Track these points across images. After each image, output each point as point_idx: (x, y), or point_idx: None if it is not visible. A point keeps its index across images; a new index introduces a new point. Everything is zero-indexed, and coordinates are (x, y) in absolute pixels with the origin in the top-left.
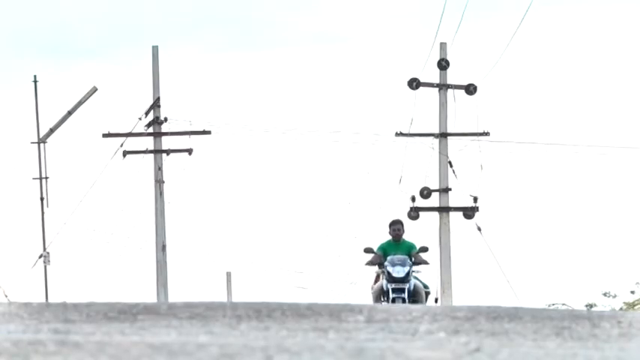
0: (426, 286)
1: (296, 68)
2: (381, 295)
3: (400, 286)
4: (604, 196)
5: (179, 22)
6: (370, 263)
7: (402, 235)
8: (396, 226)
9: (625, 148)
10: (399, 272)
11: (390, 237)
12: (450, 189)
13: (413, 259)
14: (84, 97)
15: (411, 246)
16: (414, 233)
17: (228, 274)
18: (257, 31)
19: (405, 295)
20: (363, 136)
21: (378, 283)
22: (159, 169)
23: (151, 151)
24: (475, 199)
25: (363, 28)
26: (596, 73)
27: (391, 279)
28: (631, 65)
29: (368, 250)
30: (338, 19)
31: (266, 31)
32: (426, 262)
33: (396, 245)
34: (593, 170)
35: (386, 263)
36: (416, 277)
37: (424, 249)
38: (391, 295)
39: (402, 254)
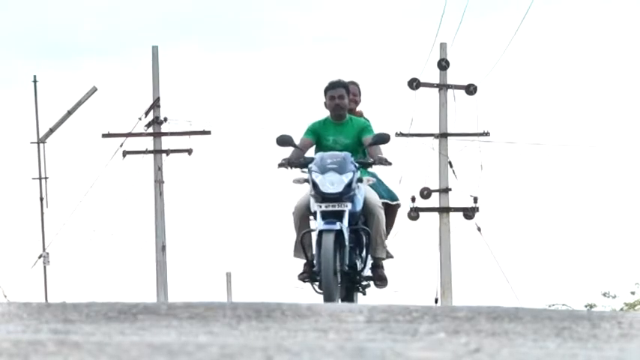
0: (392, 197)
1: (296, 68)
2: (304, 221)
3: (335, 207)
4: (604, 197)
5: (179, 22)
6: (288, 164)
7: (347, 108)
8: (335, 91)
9: (625, 148)
10: (332, 184)
11: (328, 113)
12: (450, 189)
13: (366, 158)
14: (84, 97)
15: (364, 127)
16: (414, 234)
17: (228, 274)
18: (257, 31)
19: (343, 226)
20: None
21: (302, 198)
22: (159, 169)
23: (150, 151)
24: (475, 200)
25: (363, 28)
26: (596, 73)
27: (320, 196)
28: (631, 65)
29: (283, 141)
30: (338, 19)
31: (266, 31)
32: (386, 163)
33: (337, 127)
34: (594, 170)
35: (311, 166)
36: (376, 183)
37: (383, 138)
38: (320, 225)
39: (345, 142)
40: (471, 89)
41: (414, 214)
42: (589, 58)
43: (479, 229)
